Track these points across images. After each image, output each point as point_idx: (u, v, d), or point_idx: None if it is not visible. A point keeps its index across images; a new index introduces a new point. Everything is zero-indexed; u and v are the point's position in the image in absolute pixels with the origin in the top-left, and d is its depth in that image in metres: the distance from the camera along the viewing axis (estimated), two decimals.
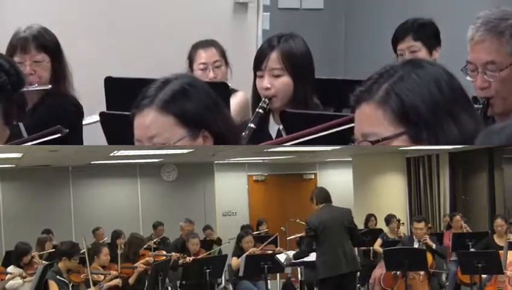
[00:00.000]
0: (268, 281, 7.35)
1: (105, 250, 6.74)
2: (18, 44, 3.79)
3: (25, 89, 2.88)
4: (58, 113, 3.78)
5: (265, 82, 3.29)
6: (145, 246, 7.58)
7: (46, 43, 3.85)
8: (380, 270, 7.56)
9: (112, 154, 9.28)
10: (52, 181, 11.65)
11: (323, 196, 6.62)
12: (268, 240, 8.19)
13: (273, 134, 3.46)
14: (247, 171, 13.17)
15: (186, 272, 7.39)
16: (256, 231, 10.12)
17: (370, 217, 9.71)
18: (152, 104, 2.23)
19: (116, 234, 8.64)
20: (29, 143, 2.85)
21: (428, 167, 11.24)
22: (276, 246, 8.57)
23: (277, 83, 3.30)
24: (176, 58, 4.57)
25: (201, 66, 4.37)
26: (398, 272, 7.12)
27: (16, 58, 3.67)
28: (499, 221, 7.40)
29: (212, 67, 4.37)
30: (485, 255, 6.61)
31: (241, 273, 7.19)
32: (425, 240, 7.18)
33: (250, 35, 6.58)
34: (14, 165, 10.65)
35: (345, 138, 2.24)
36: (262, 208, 12.66)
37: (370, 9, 7.34)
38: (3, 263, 7.51)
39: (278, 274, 8.62)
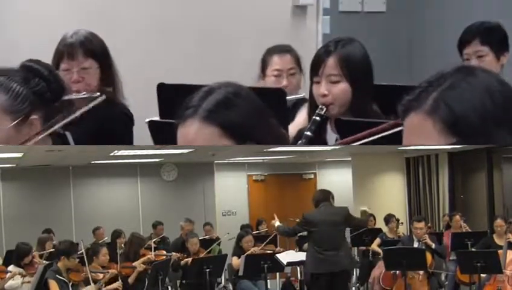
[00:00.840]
0: (268, 280, 7.37)
1: (104, 250, 6.76)
2: (65, 50, 3.62)
3: (73, 97, 2.82)
4: (107, 122, 3.64)
5: (322, 88, 3.14)
6: (145, 246, 7.60)
7: (94, 49, 3.67)
8: (379, 270, 7.58)
9: (112, 154, 9.29)
10: (53, 181, 11.67)
11: (323, 197, 6.78)
12: (268, 240, 8.23)
13: (331, 142, 3.35)
14: (247, 171, 13.19)
15: (186, 272, 7.40)
16: (256, 230, 10.15)
17: (369, 217, 9.74)
18: (195, 114, 2.11)
19: (116, 234, 8.65)
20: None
21: (428, 166, 11.24)
22: (276, 246, 8.60)
23: (334, 90, 3.16)
24: (232, 64, 4.36)
25: (276, 73, 4.14)
26: (398, 272, 7.13)
27: (63, 65, 3.58)
28: (498, 221, 7.41)
29: (286, 74, 4.13)
30: (484, 254, 6.62)
31: (240, 273, 7.21)
32: (425, 239, 7.20)
33: (309, 40, 6.14)
34: (14, 165, 10.67)
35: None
36: (262, 207, 12.66)
37: (434, 11, 6.99)
38: (4, 262, 7.53)
39: (277, 273, 8.61)
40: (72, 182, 11.86)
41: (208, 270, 6.86)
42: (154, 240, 8.87)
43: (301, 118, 3.66)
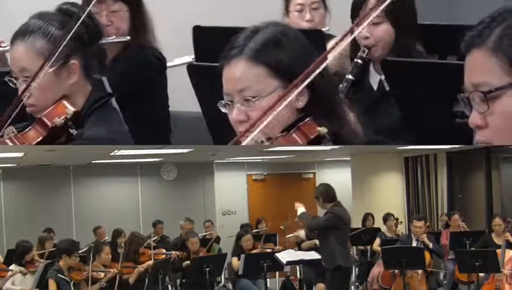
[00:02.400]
0: (268, 279, 7.37)
1: (106, 249, 6.78)
2: None
3: (103, 41, 2.75)
4: (138, 66, 3.56)
5: (364, 30, 3.00)
6: (145, 245, 7.62)
7: None
8: (378, 269, 7.60)
9: (112, 154, 9.31)
10: (53, 180, 11.69)
11: (331, 195, 6.63)
12: (263, 237, 8.26)
13: (375, 85, 3.24)
14: (247, 171, 13.21)
15: (186, 271, 7.42)
16: (256, 229, 10.18)
17: (367, 216, 9.77)
18: (241, 54, 2.05)
19: (117, 233, 8.67)
20: None
21: (426, 166, 11.25)
22: (276, 245, 8.63)
23: (377, 31, 3.08)
24: (267, 5, 4.24)
25: (298, 7, 3.98)
26: (396, 271, 7.16)
27: (92, 9, 3.41)
28: (497, 220, 7.42)
29: (309, 8, 3.97)
30: (482, 253, 6.64)
31: (240, 272, 7.23)
32: (423, 239, 7.22)
33: None
34: (15, 165, 10.70)
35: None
36: (262, 206, 12.71)
37: None
38: (5, 261, 7.55)
39: (277, 272, 8.63)
40: (72, 181, 11.89)
41: (207, 269, 6.86)
42: (154, 239, 8.90)
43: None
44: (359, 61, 3.14)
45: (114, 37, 3.48)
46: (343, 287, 6.68)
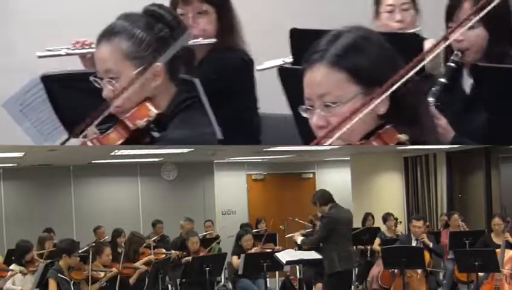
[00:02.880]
0: (267, 279, 7.40)
1: (107, 250, 6.80)
2: None
3: (190, 43, 2.72)
4: (224, 69, 3.48)
5: (458, 34, 2.90)
6: (144, 244, 7.63)
7: None
8: (378, 269, 7.62)
9: (112, 154, 9.32)
10: (54, 180, 11.70)
11: (327, 198, 6.78)
12: (264, 236, 8.27)
13: (467, 88, 3.19)
14: (246, 170, 13.22)
15: (186, 270, 7.43)
16: (256, 229, 10.19)
17: (367, 216, 9.78)
18: (323, 59, 2.02)
19: (117, 233, 8.66)
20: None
21: (426, 166, 11.26)
22: (275, 245, 8.64)
23: (471, 35, 3.02)
24: (358, 6, 4.06)
25: (388, 8, 3.92)
26: (396, 270, 7.17)
27: (178, 10, 3.42)
28: (496, 220, 7.42)
29: (399, 9, 3.91)
30: (482, 253, 6.65)
31: (240, 272, 7.23)
32: (423, 238, 7.23)
33: None
34: (15, 164, 10.70)
35: None
36: (261, 206, 12.72)
37: None
38: (5, 261, 7.56)
39: (276, 272, 8.64)
40: (72, 181, 11.89)
41: (207, 269, 6.88)
42: (153, 238, 8.92)
43: None
44: (452, 64, 3.11)
45: (201, 39, 3.41)
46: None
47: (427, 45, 3.37)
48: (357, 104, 2.02)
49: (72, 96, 2.82)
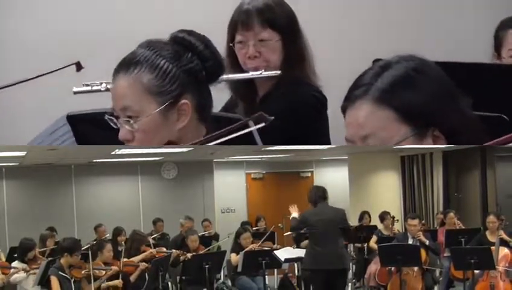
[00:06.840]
0: (266, 276, 7.45)
1: (108, 246, 6.83)
2: (239, 19, 2.99)
3: (248, 76, 2.47)
4: (292, 106, 2.96)
5: None
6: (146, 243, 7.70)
7: (275, 18, 2.98)
8: (375, 266, 7.66)
9: (113, 153, 9.37)
10: (55, 179, 11.75)
11: (319, 195, 6.86)
12: (265, 236, 8.34)
13: None
14: (246, 169, 13.25)
15: (186, 268, 7.48)
16: (255, 227, 10.25)
17: (364, 215, 9.86)
18: (366, 95, 1.74)
19: (117, 231, 8.71)
20: (218, 141, 2.12)
21: (422, 165, 11.29)
22: (274, 243, 8.70)
23: None
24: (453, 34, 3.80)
25: None
26: (393, 268, 7.22)
27: (238, 37, 2.99)
28: (491, 217, 7.43)
29: None
30: (477, 251, 6.69)
31: (239, 269, 7.29)
32: (419, 236, 7.28)
33: None
34: (17, 164, 10.77)
35: None
36: (260, 205, 12.76)
37: None
38: (7, 259, 7.63)
39: (275, 270, 8.69)
40: (74, 180, 11.94)
41: (207, 266, 6.92)
42: (154, 236, 8.99)
43: None
44: None
45: (262, 71, 2.94)
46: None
47: None
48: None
49: (101, 135, 2.39)
